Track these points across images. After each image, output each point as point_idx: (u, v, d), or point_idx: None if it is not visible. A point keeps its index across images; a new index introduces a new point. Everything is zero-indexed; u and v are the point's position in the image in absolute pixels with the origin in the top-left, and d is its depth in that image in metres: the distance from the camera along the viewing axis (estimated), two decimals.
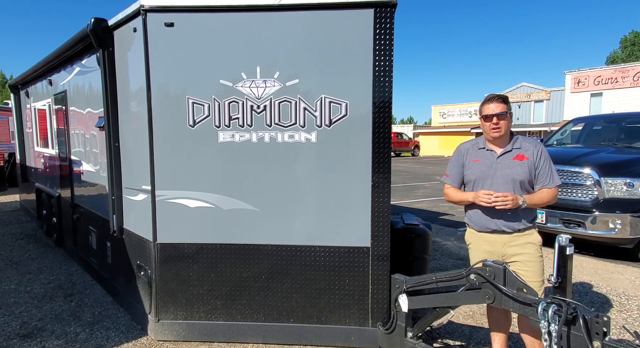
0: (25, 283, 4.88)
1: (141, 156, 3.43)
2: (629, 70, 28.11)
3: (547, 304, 2.08)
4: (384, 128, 3.07)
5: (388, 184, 3.13)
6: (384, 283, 3.17)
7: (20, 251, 6.26)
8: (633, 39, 48.14)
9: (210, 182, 3.29)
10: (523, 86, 34.97)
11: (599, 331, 1.94)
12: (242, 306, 3.35)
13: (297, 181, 3.22)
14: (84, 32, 3.80)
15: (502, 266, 2.39)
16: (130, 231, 3.79)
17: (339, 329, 3.28)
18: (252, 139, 3.18)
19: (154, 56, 3.21)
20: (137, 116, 3.48)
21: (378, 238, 3.16)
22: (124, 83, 3.67)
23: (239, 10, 3.07)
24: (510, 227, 2.69)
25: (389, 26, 2.97)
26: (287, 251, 3.25)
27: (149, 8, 3.13)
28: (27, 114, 7.82)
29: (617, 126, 7.58)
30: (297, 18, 3.08)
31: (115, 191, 3.84)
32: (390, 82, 3.04)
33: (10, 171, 12.54)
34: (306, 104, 3.10)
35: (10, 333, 3.64)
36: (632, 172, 5.63)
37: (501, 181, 2.71)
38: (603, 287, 4.73)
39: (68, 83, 5.15)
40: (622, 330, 3.64)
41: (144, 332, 3.60)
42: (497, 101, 2.70)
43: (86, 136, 4.74)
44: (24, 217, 8.87)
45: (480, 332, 3.61)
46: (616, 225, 5.42)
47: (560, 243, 2.22)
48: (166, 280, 3.39)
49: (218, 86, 3.15)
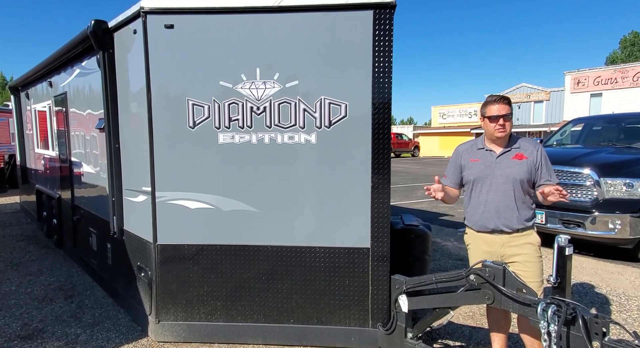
0: (25, 284, 4.89)
1: (141, 158, 3.44)
2: (628, 70, 28.12)
3: (547, 304, 2.09)
4: (383, 129, 3.08)
5: (388, 185, 3.13)
6: (384, 283, 3.17)
7: (20, 252, 6.26)
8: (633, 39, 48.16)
9: (210, 183, 3.29)
10: (523, 87, 34.99)
11: (599, 331, 1.94)
12: (242, 307, 3.35)
13: (297, 182, 3.23)
14: (84, 34, 3.81)
15: (502, 266, 2.39)
16: (131, 232, 3.80)
17: (339, 330, 3.28)
18: (251, 140, 3.19)
19: (154, 58, 3.22)
20: (137, 118, 3.49)
21: (378, 239, 3.17)
22: (124, 85, 3.68)
23: (239, 12, 3.08)
24: (509, 227, 2.70)
25: (388, 27, 2.98)
26: (287, 252, 3.25)
27: (149, 10, 3.14)
28: (27, 115, 7.83)
29: (616, 127, 7.59)
30: (296, 19, 3.09)
31: (115, 192, 3.85)
32: (389, 83, 3.05)
33: (10, 172, 12.55)
34: (306, 105, 3.11)
35: (11, 335, 3.64)
36: (631, 172, 5.64)
37: (501, 180, 2.72)
38: (603, 287, 4.73)
39: (68, 85, 5.16)
40: (621, 331, 3.64)
41: (144, 333, 3.60)
42: (503, 102, 2.72)
43: (86, 137, 4.75)
44: (24, 219, 8.88)
45: (480, 333, 3.62)
46: (616, 225, 5.43)
47: (560, 244, 2.23)
48: (166, 281, 3.39)
49: (218, 88, 3.16)
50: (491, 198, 2.74)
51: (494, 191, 2.73)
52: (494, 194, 2.73)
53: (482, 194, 2.78)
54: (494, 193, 2.73)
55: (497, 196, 2.72)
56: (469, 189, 2.87)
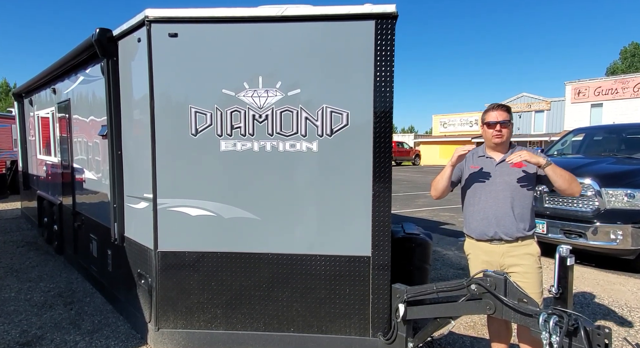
0: (25, 291, 4.87)
1: (143, 165, 3.45)
2: (629, 81, 28.24)
3: (549, 315, 2.07)
4: (384, 137, 3.09)
5: (389, 193, 3.14)
6: (384, 292, 3.16)
7: (20, 258, 6.25)
8: (633, 50, 48.41)
9: (212, 190, 3.30)
10: (524, 96, 35.11)
11: (601, 343, 1.93)
12: (242, 315, 3.34)
13: (298, 190, 3.23)
14: (89, 42, 3.85)
15: (503, 276, 2.38)
16: (131, 239, 3.80)
17: (339, 339, 3.26)
18: (253, 148, 3.20)
19: (158, 66, 3.25)
20: (140, 125, 3.51)
21: (379, 248, 3.16)
22: (127, 92, 3.71)
23: (242, 21, 3.11)
24: (508, 234, 2.69)
25: (390, 37, 3.00)
26: (287, 260, 3.25)
27: (153, 19, 3.18)
28: (30, 122, 7.87)
29: (617, 137, 7.60)
30: (299, 29, 3.12)
31: (117, 199, 3.85)
32: (391, 92, 3.06)
33: (12, 178, 12.57)
34: (308, 113, 3.13)
35: (10, 342, 3.62)
36: (632, 183, 5.64)
37: (500, 187, 2.73)
38: (605, 298, 4.71)
39: (72, 92, 5.20)
40: (623, 343, 3.62)
41: (143, 341, 3.59)
42: (501, 109, 2.75)
43: (89, 144, 4.77)
44: (25, 224, 8.87)
45: (481, 343, 3.59)
46: (617, 236, 5.41)
47: (561, 254, 2.22)
48: (166, 289, 3.38)
49: (220, 96, 3.18)
50: (490, 205, 2.74)
51: (494, 198, 2.73)
52: (494, 201, 2.73)
53: (481, 201, 2.78)
54: (494, 200, 2.73)
55: (497, 203, 2.72)
56: (470, 197, 2.87)
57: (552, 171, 2.61)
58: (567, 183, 2.63)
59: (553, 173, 2.62)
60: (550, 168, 2.61)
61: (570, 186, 2.63)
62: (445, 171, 2.86)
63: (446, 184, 2.89)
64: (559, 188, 2.67)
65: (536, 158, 2.60)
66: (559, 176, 2.62)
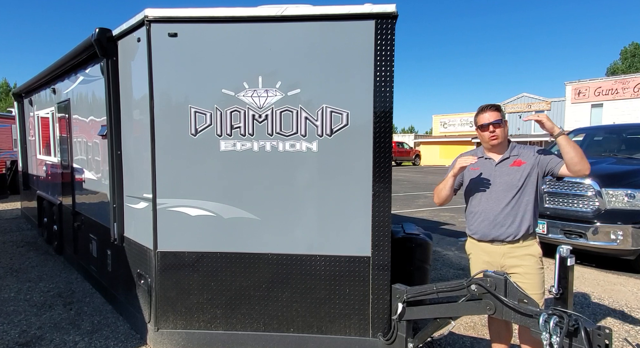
0: (24, 291, 4.87)
1: (143, 165, 3.44)
2: (629, 81, 28.22)
3: (549, 316, 2.07)
4: (384, 137, 3.09)
5: (389, 193, 3.13)
6: (384, 293, 3.16)
7: (20, 258, 6.25)
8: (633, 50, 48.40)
9: (212, 190, 3.30)
10: (524, 96, 35.12)
11: (601, 343, 1.93)
12: (242, 315, 3.33)
13: (298, 190, 3.23)
14: (89, 42, 3.84)
15: (503, 277, 2.38)
16: (131, 239, 3.79)
17: (339, 339, 3.25)
18: (253, 148, 3.20)
19: (157, 66, 3.24)
20: (140, 125, 3.50)
21: (379, 248, 3.16)
22: (127, 92, 3.70)
23: (242, 21, 3.11)
24: (509, 235, 2.68)
25: (390, 37, 3.00)
26: (287, 260, 3.24)
27: (153, 19, 3.17)
28: (30, 122, 7.87)
29: (617, 137, 7.60)
30: (298, 29, 3.12)
31: (116, 199, 3.85)
32: (391, 92, 3.06)
33: (12, 178, 12.58)
34: (307, 113, 3.12)
35: (9, 342, 3.62)
36: (633, 183, 5.64)
37: (500, 188, 2.72)
38: (605, 299, 4.70)
39: (72, 92, 5.19)
40: (624, 343, 3.61)
41: (143, 341, 3.58)
42: (491, 109, 2.74)
43: (88, 144, 4.77)
44: (24, 225, 8.87)
45: (481, 344, 3.59)
46: (617, 236, 5.40)
47: (561, 254, 2.22)
48: (166, 289, 3.38)
49: (220, 95, 3.17)
50: (491, 206, 2.73)
51: (494, 199, 2.73)
52: (494, 202, 2.72)
53: (482, 202, 2.78)
54: (494, 201, 2.72)
55: (498, 203, 2.71)
56: (470, 198, 2.86)
57: (565, 141, 2.56)
58: (579, 156, 2.53)
59: (567, 143, 2.55)
60: (564, 137, 2.57)
61: (581, 160, 2.53)
62: (447, 182, 2.85)
63: (449, 193, 2.90)
64: (570, 161, 2.55)
65: (551, 123, 2.59)
66: (572, 147, 2.54)
